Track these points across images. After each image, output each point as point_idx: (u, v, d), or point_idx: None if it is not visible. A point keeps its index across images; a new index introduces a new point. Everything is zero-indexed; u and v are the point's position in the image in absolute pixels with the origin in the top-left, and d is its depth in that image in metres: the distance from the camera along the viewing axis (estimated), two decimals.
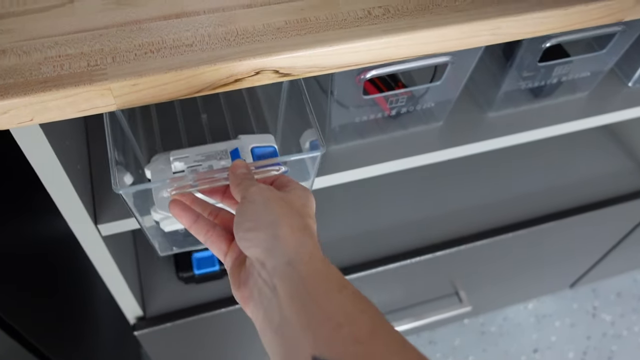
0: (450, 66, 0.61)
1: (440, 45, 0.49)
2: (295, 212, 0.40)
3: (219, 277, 0.85)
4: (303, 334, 0.33)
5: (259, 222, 0.39)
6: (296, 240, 0.37)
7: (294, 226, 0.38)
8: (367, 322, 0.33)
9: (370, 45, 0.46)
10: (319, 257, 0.37)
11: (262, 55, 0.44)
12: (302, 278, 0.35)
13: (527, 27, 0.50)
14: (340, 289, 0.35)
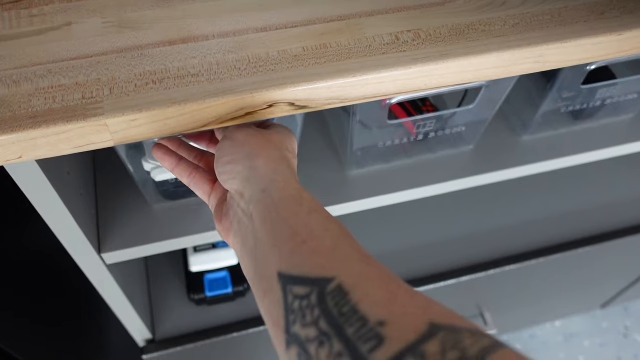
0: (485, 90, 0.56)
1: (476, 74, 0.44)
2: (273, 146, 0.40)
3: (232, 299, 0.82)
4: (271, 252, 0.34)
5: (236, 155, 0.39)
6: (272, 169, 0.38)
7: (270, 157, 0.38)
8: (330, 238, 0.32)
9: (398, 75, 0.41)
10: (293, 185, 0.37)
11: (276, 88, 0.39)
12: (274, 203, 0.35)
13: (575, 54, 0.45)
14: (310, 211, 0.34)
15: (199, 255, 0.80)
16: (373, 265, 0.30)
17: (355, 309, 0.27)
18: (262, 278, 0.34)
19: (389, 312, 0.27)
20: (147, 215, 0.60)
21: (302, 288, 0.30)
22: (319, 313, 0.28)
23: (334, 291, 0.29)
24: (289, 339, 0.30)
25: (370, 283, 0.29)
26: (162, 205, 0.61)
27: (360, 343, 0.26)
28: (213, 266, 0.80)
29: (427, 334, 0.25)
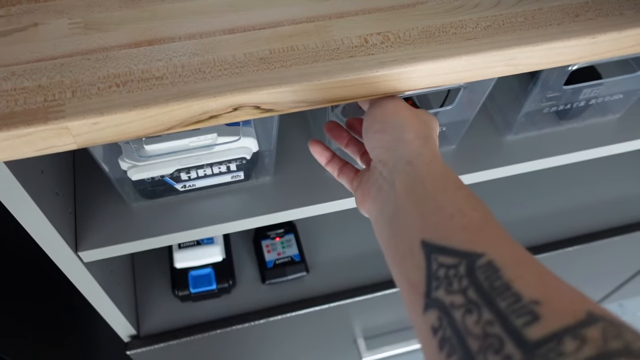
0: (464, 90, 0.55)
1: (446, 77, 0.43)
2: (422, 123, 0.41)
3: (217, 295, 0.82)
4: (414, 221, 0.35)
5: (386, 124, 0.41)
6: (420, 144, 0.39)
7: (419, 132, 0.39)
8: (478, 217, 0.33)
9: (365, 79, 0.41)
10: (439, 161, 0.38)
11: (241, 91, 0.39)
12: (420, 175, 0.37)
13: (548, 57, 0.44)
14: (456, 188, 0.36)
15: (184, 252, 0.80)
16: (521, 250, 0.31)
17: (508, 285, 0.28)
18: (401, 243, 0.35)
19: (543, 294, 0.27)
20: (125, 214, 0.60)
21: (449, 258, 0.31)
22: (467, 283, 0.30)
23: (484, 265, 0.30)
24: (428, 302, 0.31)
25: (522, 265, 0.30)
26: (140, 204, 0.61)
27: (514, 316, 0.27)
28: (197, 263, 0.80)
29: (586, 320, 0.25)
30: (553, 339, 0.25)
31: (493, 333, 0.27)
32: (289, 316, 0.82)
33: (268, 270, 0.84)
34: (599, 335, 0.25)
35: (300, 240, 0.88)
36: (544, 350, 0.25)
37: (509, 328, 0.27)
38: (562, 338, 0.25)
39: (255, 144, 0.58)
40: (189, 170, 0.58)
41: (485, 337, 0.27)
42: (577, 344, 0.25)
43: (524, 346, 0.26)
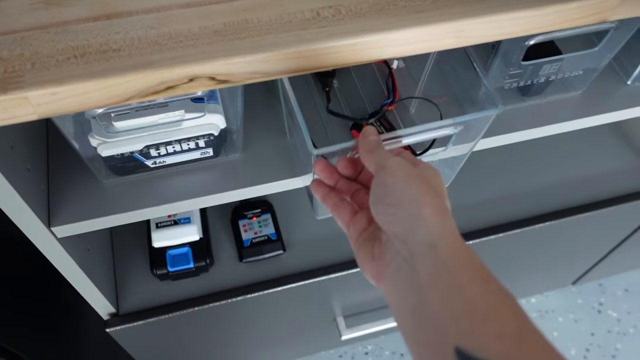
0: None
1: (396, 49, 0.45)
2: (435, 192, 0.39)
3: (195, 274, 0.83)
4: (446, 321, 0.33)
5: (400, 197, 0.39)
6: (439, 222, 0.37)
7: (436, 207, 0.38)
8: (513, 320, 0.32)
9: (316, 50, 0.42)
10: (461, 243, 0.37)
11: (195, 63, 0.41)
12: (444, 262, 0.35)
13: (496, 29, 0.46)
14: (485, 280, 0.34)
15: (161, 232, 0.81)
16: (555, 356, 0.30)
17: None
18: (431, 344, 0.33)
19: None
20: (97, 190, 0.62)
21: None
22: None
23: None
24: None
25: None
26: (112, 181, 0.62)
27: None
28: (175, 242, 0.82)
29: None
30: None
31: None
32: (266, 293, 0.84)
33: (245, 248, 0.86)
34: None
35: (277, 219, 0.89)
36: None
37: None
38: None
39: (223, 120, 0.60)
40: (158, 147, 0.59)
41: None
42: None
43: None
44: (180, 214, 0.82)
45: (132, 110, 0.56)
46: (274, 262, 0.87)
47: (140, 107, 0.56)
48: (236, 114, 0.60)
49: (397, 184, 0.40)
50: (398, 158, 0.42)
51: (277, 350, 1.16)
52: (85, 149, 0.58)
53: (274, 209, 0.90)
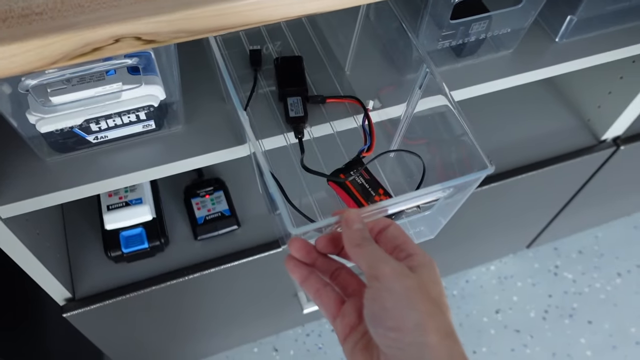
0: None
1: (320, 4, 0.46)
2: (439, 310, 0.37)
3: (150, 254, 0.84)
4: None
5: (402, 322, 0.37)
6: (446, 350, 0.36)
7: (441, 331, 0.36)
8: None
9: (239, 6, 0.43)
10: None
11: (119, 22, 0.41)
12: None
13: None
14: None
15: (113, 213, 0.81)
16: None
17: None
18: None
19: None
20: (39, 168, 0.62)
21: None
22: None
23: None
24: None
25: None
26: (54, 159, 0.62)
27: None
28: (127, 223, 0.82)
29: None
30: None
31: None
32: (222, 269, 0.85)
33: (199, 226, 0.86)
34: None
35: (230, 196, 0.90)
36: None
37: None
38: None
39: (162, 91, 0.60)
40: (98, 121, 0.60)
41: None
42: None
43: None
44: (131, 195, 0.83)
45: (68, 84, 0.56)
46: (229, 237, 0.88)
47: (77, 80, 0.57)
48: (175, 85, 0.60)
49: (398, 302, 0.37)
50: (392, 263, 0.39)
51: (241, 331, 1.18)
52: (24, 127, 0.58)
53: (227, 186, 0.91)
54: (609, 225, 1.61)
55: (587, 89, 1.03)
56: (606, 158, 1.04)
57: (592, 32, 0.77)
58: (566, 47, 0.76)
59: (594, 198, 1.22)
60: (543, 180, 1.04)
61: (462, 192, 0.54)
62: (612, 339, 1.45)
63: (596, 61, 0.77)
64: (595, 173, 1.08)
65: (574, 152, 1.02)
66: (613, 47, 0.76)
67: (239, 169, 0.67)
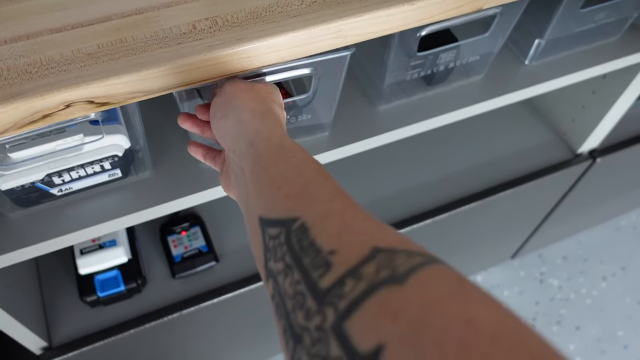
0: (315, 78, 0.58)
1: (276, 55, 0.45)
2: (260, 98, 0.42)
3: (127, 296, 0.82)
4: (255, 200, 0.36)
5: (227, 109, 0.42)
6: (258, 121, 0.40)
7: (256, 110, 0.41)
8: (301, 182, 0.34)
9: (193, 64, 0.42)
10: (277, 134, 0.39)
11: (69, 88, 0.40)
12: (260, 155, 0.38)
13: (373, 26, 0.47)
14: (287, 158, 0.37)
15: (86, 257, 0.80)
16: (336, 202, 0.33)
17: (313, 242, 0.30)
18: (250, 223, 0.37)
19: (339, 242, 0.29)
20: (3, 225, 0.60)
21: (274, 229, 0.33)
22: (285, 249, 0.31)
23: (297, 229, 0.31)
24: (267, 274, 0.33)
25: (329, 218, 0.31)
26: (18, 214, 0.60)
27: (312, 270, 0.28)
28: (102, 267, 0.80)
29: (367, 257, 0.27)
30: (338, 283, 0.26)
31: (299, 290, 0.28)
32: (203, 306, 0.84)
33: (176, 264, 0.85)
34: (373, 269, 0.25)
35: (207, 231, 0.89)
36: (330, 296, 0.26)
37: (309, 282, 0.28)
38: (344, 280, 0.26)
39: (126, 140, 0.59)
40: (61, 174, 0.58)
41: (295, 295, 0.28)
42: (354, 283, 0.25)
43: (317, 296, 0.27)
44: (104, 237, 0.81)
45: (27, 139, 0.55)
46: (208, 274, 0.87)
47: (37, 135, 0.55)
48: (139, 133, 0.59)
49: (227, 99, 0.42)
50: (235, 78, 0.44)
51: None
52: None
53: (203, 221, 0.90)
54: (591, 229, 1.61)
55: (560, 104, 1.03)
56: (583, 171, 1.04)
57: (561, 53, 0.76)
58: (536, 69, 0.76)
59: (575, 207, 1.22)
60: (523, 196, 1.03)
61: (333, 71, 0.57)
62: (600, 343, 1.45)
63: (566, 82, 0.77)
64: (573, 185, 1.08)
65: (552, 166, 1.02)
66: (582, 67, 0.76)
67: (216, 202, 0.66)
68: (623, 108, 0.92)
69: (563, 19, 0.69)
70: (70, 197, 0.62)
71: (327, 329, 0.25)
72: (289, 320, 0.28)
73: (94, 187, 0.62)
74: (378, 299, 0.24)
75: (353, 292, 0.25)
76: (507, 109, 1.04)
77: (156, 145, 0.65)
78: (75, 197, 0.62)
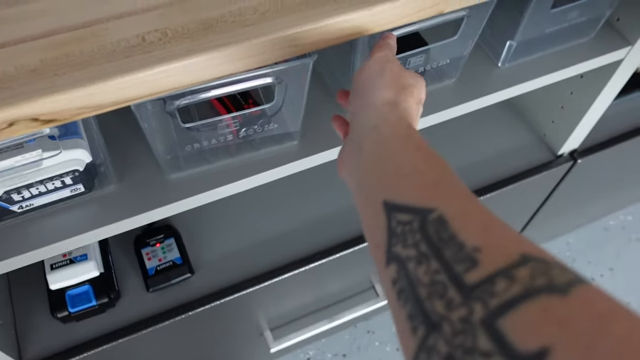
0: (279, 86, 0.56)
1: (230, 66, 0.44)
2: (400, 87, 0.42)
3: (100, 311, 0.80)
4: (377, 183, 0.37)
5: (365, 86, 0.42)
6: (387, 109, 0.40)
7: (390, 99, 0.41)
8: (434, 174, 0.35)
9: (143, 77, 0.41)
10: (404, 125, 0.39)
11: (12, 105, 0.38)
12: (384, 139, 0.38)
13: (330, 34, 0.46)
14: (416, 148, 0.37)
15: (57, 273, 0.78)
16: (471, 202, 0.33)
17: (453, 236, 0.30)
18: (368, 205, 0.37)
19: (483, 241, 0.29)
20: None
21: (405, 215, 0.33)
22: (419, 237, 0.32)
23: (435, 220, 0.32)
24: (389, 257, 0.33)
25: (468, 216, 0.32)
26: None
27: (456, 264, 0.29)
28: (73, 281, 0.78)
29: (518, 261, 0.27)
30: (487, 281, 0.27)
31: (438, 280, 0.29)
32: (178, 319, 0.82)
33: (150, 277, 0.83)
34: (527, 274, 0.27)
35: (183, 242, 0.87)
36: (479, 292, 0.27)
37: (452, 274, 0.29)
38: (495, 279, 0.27)
39: (87, 154, 0.57)
40: (20, 191, 0.56)
41: (432, 284, 0.29)
42: (507, 283, 0.26)
43: (463, 289, 0.28)
44: (75, 252, 0.79)
45: None
46: (183, 287, 0.85)
47: None
48: (99, 146, 0.57)
49: (369, 76, 0.42)
50: (389, 54, 0.44)
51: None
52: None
53: (179, 232, 0.88)
54: (580, 229, 1.61)
55: (539, 105, 1.02)
56: (565, 172, 1.03)
57: (534, 55, 0.76)
58: (509, 71, 0.75)
59: (559, 209, 1.21)
60: (505, 198, 1.02)
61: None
62: None
63: (541, 83, 0.76)
64: (556, 187, 1.08)
65: (533, 168, 1.01)
66: (556, 68, 0.75)
67: (191, 213, 0.64)
68: (601, 108, 0.92)
69: (533, 20, 0.68)
70: (32, 214, 0.60)
71: (475, 323, 0.26)
72: (422, 306, 0.29)
73: (57, 203, 0.61)
74: (539, 304, 0.25)
75: (507, 292, 0.26)
76: (486, 110, 1.03)
77: (120, 159, 0.64)
78: (37, 213, 0.60)
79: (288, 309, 1.01)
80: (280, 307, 0.99)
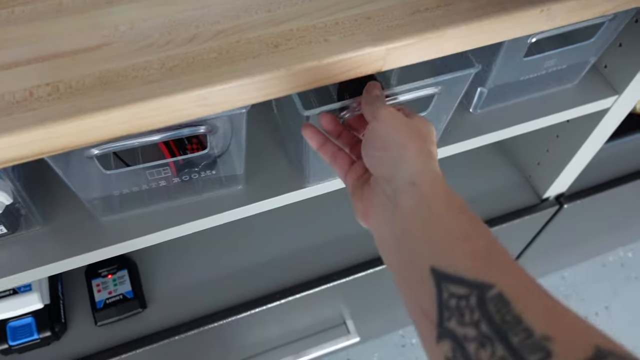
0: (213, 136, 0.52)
1: (130, 125, 0.40)
2: (422, 137, 0.41)
3: (42, 344, 0.77)
4: (423, 246, 0.36)
5: (387, 142, 0.42)
6: (421, 162, 0.40)
7: (420, 150, 0.40)
8: (484, 242, 0.34)
9: (24, 138, 0.37)
10: (441, 182, 0.39)
11: None
12: (424, 197, 0.38)
13: (243, 94, 0.41)
14: (460, 211, 0.36)
15: None
16: (526, 277, 0.32)
17: (519, 319, 0.29)
18: (412, 268, 0.36)
19: (553, 328, 0.28)
20: None
21: (460, 288, 0.32)
22: (479, 316, 0.30)
23: (494, 298, 0.30)
24: (441, 332, 0.32)
25: (530, 295, 0.31)
26: None
27: (527, 353, 0.28)
28: (14, 313, 0.75)
29: (594, 356, 0.27)
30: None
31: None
32: (125, 357, 0.78)
33: (98, 311, 0.80)
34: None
35: (138, 273, 0.84)
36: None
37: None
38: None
39: (7, 196, 0.54)
40: None
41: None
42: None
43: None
44: None
45: None
46: (134, 321, 0.81)
47: None
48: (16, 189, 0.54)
49: (388, 130, 0.42)
50: (391, 108, 0.44)
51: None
52: None
53: (134, 262, 0.85)
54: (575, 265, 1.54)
55: (525, 146, 0.96)
56: (550, 216, 0.97)
57: (509, 101, 0.70)
58: (481, 118, 0.70)
59: (548, 249, 1.15)
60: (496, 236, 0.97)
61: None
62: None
63: (519, 131, 0.71)
64: (541, 230, 1.02)
65: (516, 211, 0.95)
66: (536, 116, 0.70)
67: None
68: (590, 153, 0.86)
69: (505, 68, 0.62)
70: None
71: None
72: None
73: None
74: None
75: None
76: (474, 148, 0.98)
77: (49, 199, 0.60)
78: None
79: (249, 344, 0.97)
80: (240, 343, 0.95)
